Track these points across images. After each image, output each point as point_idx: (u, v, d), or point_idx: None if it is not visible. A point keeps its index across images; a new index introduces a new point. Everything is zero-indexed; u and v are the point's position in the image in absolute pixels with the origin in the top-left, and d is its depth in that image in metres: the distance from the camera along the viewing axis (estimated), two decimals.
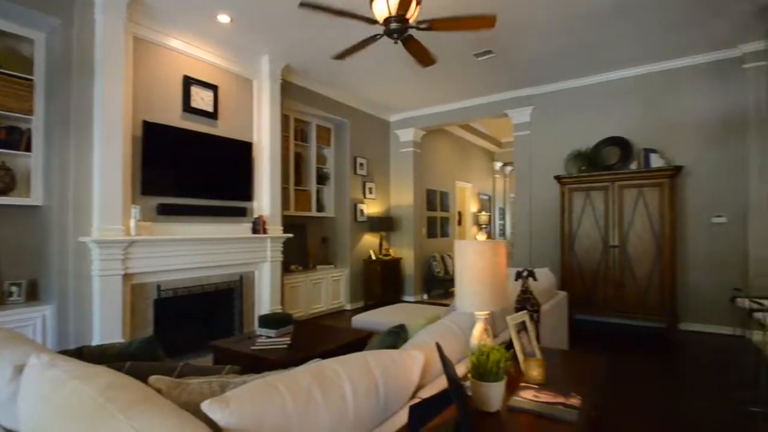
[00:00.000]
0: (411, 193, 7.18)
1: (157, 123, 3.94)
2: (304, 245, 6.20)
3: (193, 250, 4.14)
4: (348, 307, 6.39)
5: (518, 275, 1.82)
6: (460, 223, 9.05)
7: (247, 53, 4.79)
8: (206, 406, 0.87)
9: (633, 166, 5.18)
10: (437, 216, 8.03)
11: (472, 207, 9.41)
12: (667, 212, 4.77)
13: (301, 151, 6.23)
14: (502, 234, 10.81)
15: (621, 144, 5.31)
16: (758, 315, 2.74)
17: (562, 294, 3.57)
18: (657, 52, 4.91)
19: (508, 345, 1.58)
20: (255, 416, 0.89)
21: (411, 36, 3.26)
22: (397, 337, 2.03)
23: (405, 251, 7.20)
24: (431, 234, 7.78)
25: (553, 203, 5.88)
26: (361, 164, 6.69)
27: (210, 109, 4.43)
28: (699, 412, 2.81)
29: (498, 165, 10.61)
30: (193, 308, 4.28)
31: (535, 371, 1.44)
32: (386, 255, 6.88)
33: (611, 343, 4.54)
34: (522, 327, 1.65)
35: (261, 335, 3.04)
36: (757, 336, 3.90)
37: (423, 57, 3.48)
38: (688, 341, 4.57)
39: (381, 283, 6.54)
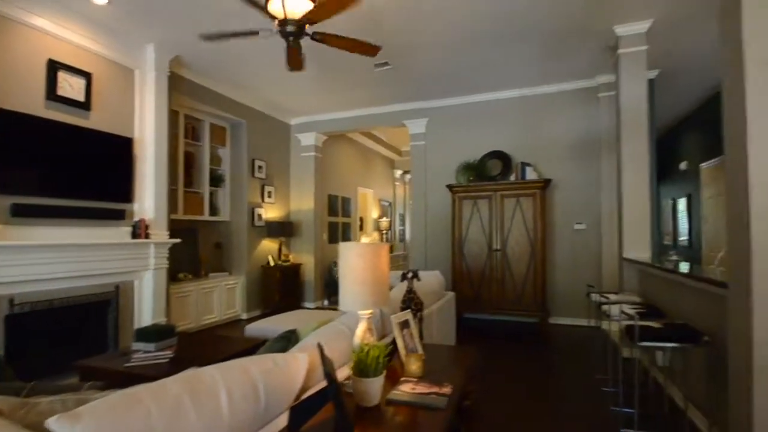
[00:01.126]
0: (312, 197, 7.13)
1: (13, 111, 3.36)
2: (195, 251, 5.76)
3: (58, 257, 3.58)
4: (244, 316, 6.09)
5: (404, 276, 1.93)
6: (362, 228, 9.23)
7: (129, 40, 4.34)
8: (53, 423, 0.77)
9: (512, 177, 5.82)
10: (339, 221, 8.09)
11: (374, 213, 9.67)
12: (539, 219, 5.44)
13: (193, 151, 5.81)
14: (402, 239, 11.28)
15: (502, 157, 5.93)
16: (605, 308, 3.26)
17: (451, 294, 3.85)
18: (534, 78, 5.61)
19: (395, 343, 1.67)
20: (113, 430, 0.82)
21: (328, 34, 3.27)
22: (287, 342, 2.00)
23: (305, 257, 7.11)
24: (333, 239, 7.81)
25: (446, 210, 6.32)
26: (260, 167, 6.46)
27: (81, 98, 3.91)
28: (564, 394, 3.25)
29: (398, 173, 11.08)
30: (58, 324, 3.70)
31: (414, 365, 1.53)
32: (286, 261, 6.71)
33: (494, 337, 5.02)
34: (405, 325, 1.75)
35: (138, 350, 2.76)
36: (605, 325, 4.66)
37: (295, 61, 3.49)
38: (556, 333, 5.25)
39: (280, 290, 6.36)
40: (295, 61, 3.44)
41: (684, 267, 3.18)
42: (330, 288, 7.44)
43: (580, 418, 2.86)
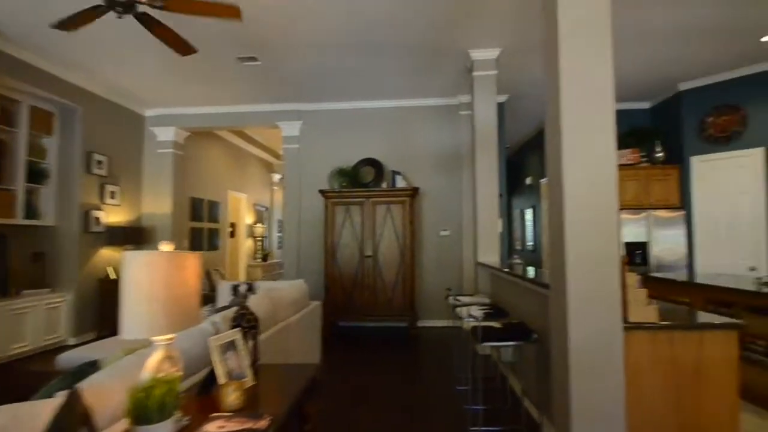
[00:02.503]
0: (170, 200, 6.31)
1: None
2: (2, 263, 4.58)
3: None
4: (72, 341, 5.03)
5: (234, 290, 1.68)
6: (233, 235, 8.53)
7: None
8: None
9: (384, 185, 5.92)
10: (204, 227, 7.33)
11: (248, 218, 9.03)
12: (408, 226, 5.61)
13: (4, 138, 4.64)
14: (281, 246, 10.77)
15: (375, 165, 6.01)
16: (458, 310, 3.42)
17: (315, 304, 3.67)
18: (405, 91, 5.80)
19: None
20: None
21: (153, 18, 2.81)
22: (80, 377, 1.59)
23: None
24: (196, 247, 7.02)
25: (319, 216, 6.15)
26: (100, 162, 5.46)
27: None
28: (422, 396, 3.30)
29: (277, 177, 10.59)
30: None
31: (231, 396, 1.30)
32: None
33: (364, 345, 4.98)
34: (230, 347, 1.50)
35: None
36: (465, 325, 4.98)
37: (178, 44, 3.05)
38: (423, 335, 5.44)
39: None
40: (177, 45, 2.94)
41: (520, 270, 3.51)
42: None
43: (435, 419, 2.91)
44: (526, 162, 8.83)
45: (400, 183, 5.78)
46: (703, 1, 3.67)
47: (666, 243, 5.57)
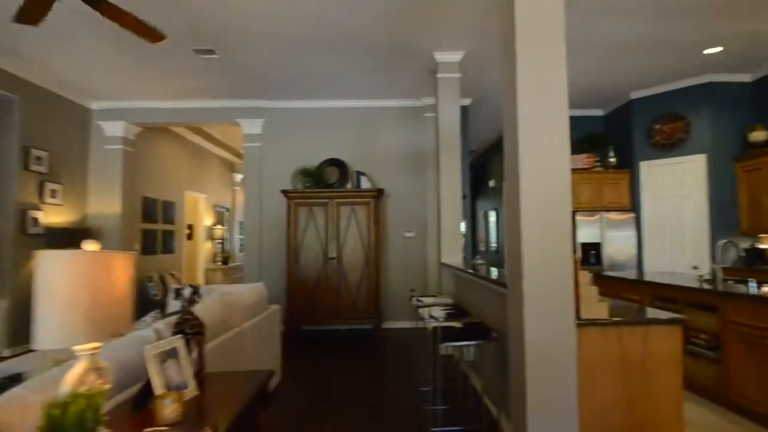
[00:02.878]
0: (119, 200, 5.96)
1: None
2: None
3: None
4: (6, 353, 4.63)
5: (177, 294, 1.57)
6: (191, 237, 8.18)
7: None
8: None
9: (349, 185, 5.86)
10: (158, 228, 6.97)
11: (207, 220, 8.69)
12: (372, 227, 5.57)
13: None
14: (242, 249, 10.45)
15: (340, 165, 5.93)
16: (420, 311, 3.41)
17: (274, 308, 3.55)
18: (369, 92, 5.76)
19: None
20: None
21: (117, 7, 2.63)
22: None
23: None
24: (149, 250, 6.67)
25: (282, 217, 6.00)
26: (39, 158, 5.07)
27: None
28: (385, 399, 3.25)
29: (239, 177, 10.27)
30: None
31: (168, 408, 1.20)
32: None
33: (327, 348, 4.88)
34: (171, 355, 1.39)
35: None
36: (424, 326, 5.00)
37: (146, 32, 2.86)
38: (387, 337, 5.40)
39: None
40: (144, 31, 2.76)
41: (480, 270, 3.55)
42: (143, 308, 6.29)
43: (397, 421, 2.87)
44: (489, 165, 9.01)
45: (365, 184, 5.74)
46: (652, 15, 3.85)
47: (618, 243, 5.83)
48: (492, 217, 8.78)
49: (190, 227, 8.13)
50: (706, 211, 5.28)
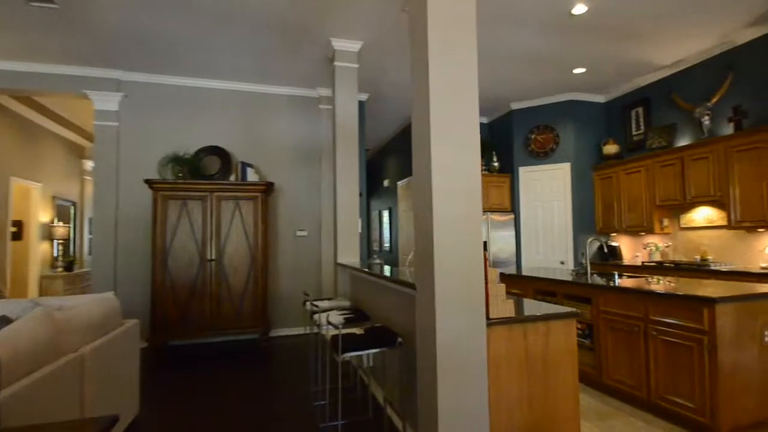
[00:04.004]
0: None
1: None
2: None
3: None
4: None
5: None
6: (20, 237, 6.48)
7: None
8: None
9: (232, 177, 5.20)
10: None
11: (43, 215, 7.01)
12: (260, 225, 5.01)
13: None
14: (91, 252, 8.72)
15: (222, 154, 5.23)
16: (316, 317, 3.06)
17: (130, 323, 2.84)
18: (259, 75, 5.18)
19: None
20: None
21: None
22: None
23: None
24: None
25: (145, 212, 5.06)
26: None
27: None
28: (272, 419, 2.81)
29: (90, 164, 8.56)
30: None
31: None
32: None
33: (207, 364, 4.19)
34: None
35: None
36: (324, 331, 4.64)
37: None
38: (277, 346, 4.89)
39: None
40: None
41: (381, 269, 3.35)
42: None
43: None
44: (384, 165, 9.02)
45: (252, 177, 5.15)
46: (534, 32, 4.13)
47: (501, 242, 6.24)
48: (386, 216, 8.79)
49: (18, 224, 6.44)
50: (570, 213, 5.95)
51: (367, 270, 3.29)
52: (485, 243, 6.34)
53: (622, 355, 3.01)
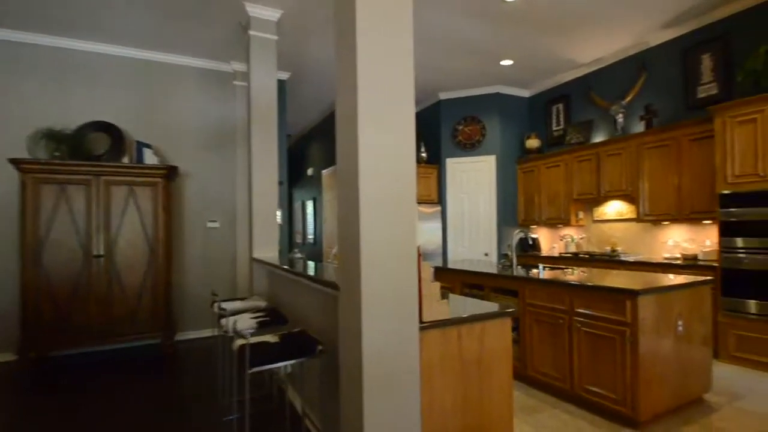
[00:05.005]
0: None
1: None
2: None
3: None
4: None
5: None
6: None
7: None
8: None
9: (125, 159, 4.44)
10: None
11: None
12: (161, 215, 4.34)
13: None
14: None
15: (112, 132, 4.44)
16: (223, 322, 2.62)
17: None
18: (158, 40, 4.45)
19: None
20: None
21: None
22: None
23: None
24: None
25: (10, 199, 4.14)
26: None
27: None
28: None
29: None
30: None
31: None
32: None
33: (94, 377, 3.50)
34: None
35: None
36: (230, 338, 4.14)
37: None
38: (183, 352, 4.30)
39: None
40: None
41: (301, 266, 3.00)
42: None
43: None
44: (308, 152, 8.53)
45: (151, 159, 4.43)
46: (464, 17, 3.99)
47: (427, 234, 6.15)
48: (309, 207, 8.34)
49: None
50: (495, 206, 6.03)
51: (284, 266, 2.91)
52: None
53: (547, 347, 2.99)
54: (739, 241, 3.50)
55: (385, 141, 1.63)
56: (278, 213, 4.52)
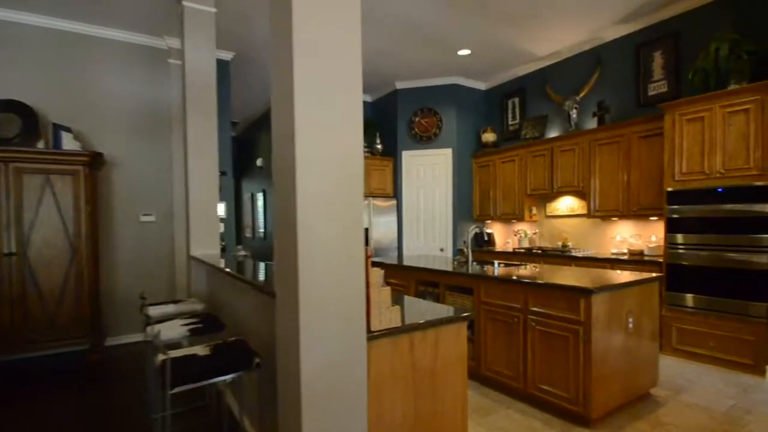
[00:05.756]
0: None
1: None
2: None
3: None
4: None
5: None
6: None
7: None
8: None
9: (41, 144, 3.89)
10: None
11: None
12: (84, 207, 3.86)
13: None
14: None
15: (23, 112, 3.87)
16: (149, 330, 2.30)
17: None
18: (80, 8, 3.92)
19: None
20: None
21: None
22: None
23: None
24: None
25: None
26: None
27: None
28: None
29: None
30: None
31: None
32: None
33: (5, 392, 3.03)
34: None
35: None
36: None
37: None
38: (113, 358, 3.87)
39: None
40: None
41: (245, 265, 2.72)
42: None
43: None
44: (257, 141, 8.07)
45: (70, 144, 3.91)
46: (423, 4, 3.83)
47: (382, 228, 5.98)
48: (260, 199, 7.92)
49: None
50: (451, 200, 5.96)
51: (220, 266, 2.63)
52: (366, 231, 5.90)
53: (502, 346, 2.92)
54: (682, 238, 3.61)
55: (327, 124, 1.41)
56: (221, 206, 4.17)
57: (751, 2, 3.60)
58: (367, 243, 5.77)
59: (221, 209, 4.77)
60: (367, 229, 5.81)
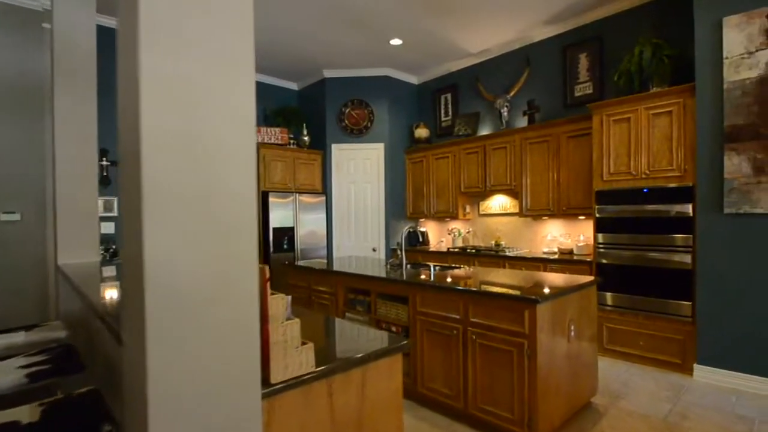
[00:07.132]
0: None
1: None
2: None
3: None
4: None
5: None
6: None
7: None
8: None
9: None
10: None
11: None
12: None
13: None
14: None
15: None
16: None
17: None
18: None
19: None
20: None
21: None
22: None
23: None
24: None
25: None
26: None
27: None
28: None
29: None
30: None
31: None
32: None
33: None
34: None
35: None
36: None
37: None
38: None
39: None
40: None
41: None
42: None
43: None
44: None
45: None
46: None
47: (310, 226, 5.48)
48: None
49: None
50: (383, 197, 5.62)
51: (75, 282, 2.00)
52: (291, 230, 5.26)
53: (440, 361, 2.61)
54: (610, 237, 3.59)
55: (190, 75, 0.91)
56: (101, 202, 3.40)
57: (669, 9, 3.68)
58: (293, 243, 5.23)
59: (115, 207, 3.95)
60: (292, 228, 5.27)
